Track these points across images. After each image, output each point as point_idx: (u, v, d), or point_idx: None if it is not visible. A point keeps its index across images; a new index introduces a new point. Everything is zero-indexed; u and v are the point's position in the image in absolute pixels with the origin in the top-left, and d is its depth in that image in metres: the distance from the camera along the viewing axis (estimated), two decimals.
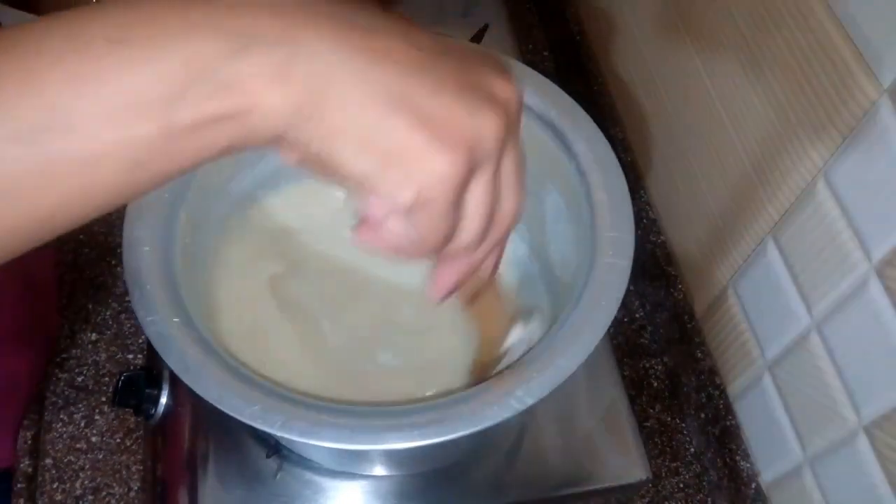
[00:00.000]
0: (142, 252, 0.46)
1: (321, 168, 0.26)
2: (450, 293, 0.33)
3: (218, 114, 0.24)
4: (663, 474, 0.71)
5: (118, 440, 0.68)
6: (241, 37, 0.24)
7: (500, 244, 0.31)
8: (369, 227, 0.28)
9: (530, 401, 0.42)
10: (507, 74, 0.28)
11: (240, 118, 0.24)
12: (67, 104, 0.23)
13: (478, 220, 0.28)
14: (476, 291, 0.36)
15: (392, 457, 0.54)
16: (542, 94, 0.54)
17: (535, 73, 0.55)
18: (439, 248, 0.29)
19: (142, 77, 0.23)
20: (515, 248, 0.62)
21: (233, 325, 0.55)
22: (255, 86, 0.24)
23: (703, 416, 0.70)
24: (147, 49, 0.24)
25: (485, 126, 0.26)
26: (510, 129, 0.27)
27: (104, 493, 0.66)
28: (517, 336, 0.50)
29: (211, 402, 0.41)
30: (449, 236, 0.28)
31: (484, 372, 0.51)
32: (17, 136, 0.23)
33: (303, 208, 0.63)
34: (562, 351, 0.43)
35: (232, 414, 0.41)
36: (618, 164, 0.51)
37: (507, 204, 0.30)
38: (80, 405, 0.70)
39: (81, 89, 0.23)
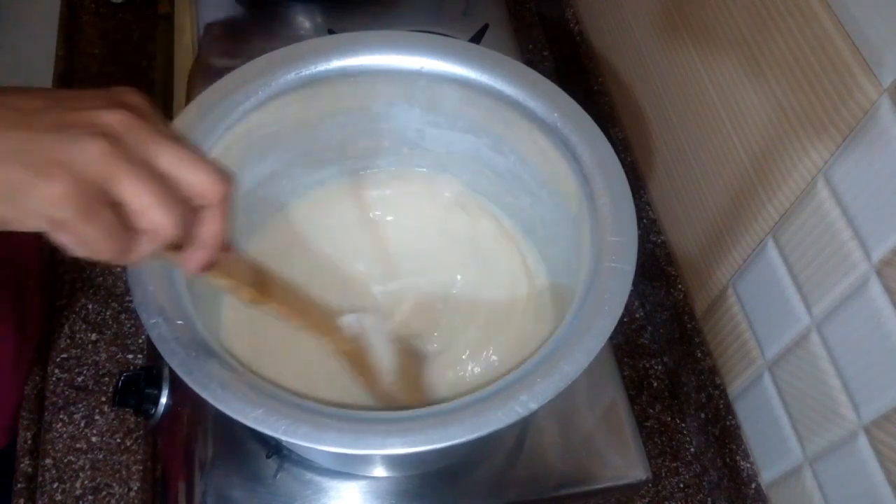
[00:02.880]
0: None
1: None
2: (205, 268, 0.38)
3: None
4: (663, 474, 0.71)
5: (118, 440, 0.68)
6: None
7: (221, 210, 0.36)
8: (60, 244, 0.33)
9: (534, 406, 0.42)
10: (115, 103, 0.33)
11: None
12: None
13: (153, 212, 0.33)
14: (214, 259, 0.38)
15: (393, 459, 0.54)
16: (543, 97, 0.54)
17: (535, 73, 0.55)
18: (127, 245, 0.33)
19: None
20: (522, 254, 0.62)
21: (236, 326, 0.55)
22: None
23: (703, 416, 0.70)
24: None
25: (82, 149, 0.31)
26: (127, 141, 0.32)
27: (104, 493, 0.66)
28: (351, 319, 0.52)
29: (215, 405, 0.41)
30: (124, 239, 0.33)
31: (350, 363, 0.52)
32: None
33: (307, 209, 0.63)
34: (565, 356, 0.43)
35: (236, 417, 0.41)
36: (620, 167, 0.51)
37: (192, 180, 0.34)
38: (80, 405, 0.70)
39: None
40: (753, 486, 0.64)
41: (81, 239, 0.32)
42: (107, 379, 0.71)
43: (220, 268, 0.40)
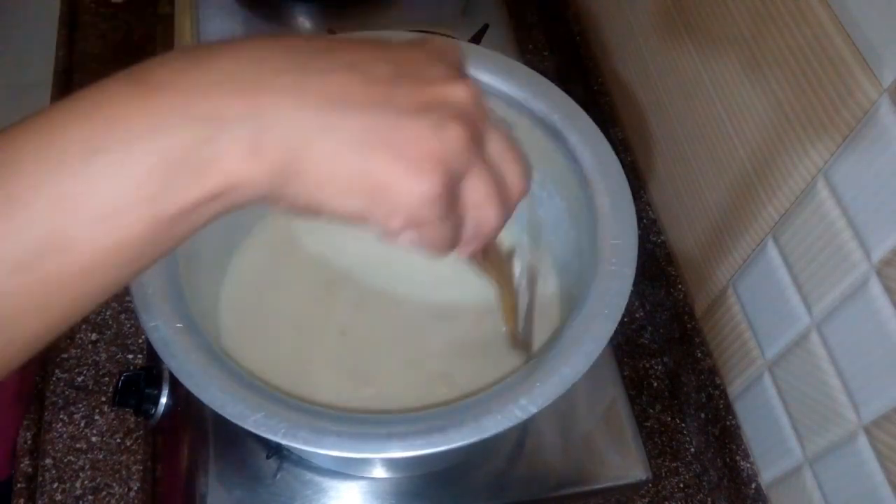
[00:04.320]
0: None
1: (312, 213, 0.28)
2: (474, 256, 0.35)
3: (202, 197, 0.25)
4: (663, 474, 0.71)
5: (118, 440, 0.68)
6: (208, 121, 0.25)
7: (515, 209, 0.33)
8: (389, 240, 0.30)
9: (534, 409, 0.42)
10: (455, 71, 0.30)
11: (223, 196, 0.26)
12: (57, 226, 0.24)
13: (488, 209, 0.30)
14: (485, 249, 0.37)
15: (393, 461, 0.54)
16: (543, 98, 0.54)
17: (535, 73, 0.55)
18: (456, 243, 0.31)
19: (123, 181, 0.24)
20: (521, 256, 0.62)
21: (235, 329, 0.55)
22: (232, 165, 0.25)
23: (703, 416, 0.70)
24: (121, 153, 0.24)
25: (450, 138, 0.27)
26: (476, 126, 0.29)
27: (104, 493, 0.66)
28: (517, 271, 0.53)
29: (214, 408, 0.41)
30: (457, 233, 0.30)
31: (513, 317, 0.53)
32: (15, 267, 0.23)
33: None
34: (565, 359, 0.43)
35: (235, 421, 0.41)
36: (621, 169, 0.51)
37: (511, 177, 0.31)
38: (80, 405, 0.70)
39: (68, 208, 0.24)
40: (753, 486, 0.64)
41: (428, 236, 0.29)
42: (107, 379, 0.71)
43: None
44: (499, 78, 0.54)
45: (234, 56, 0.26)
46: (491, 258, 0.45)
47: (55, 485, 0.66)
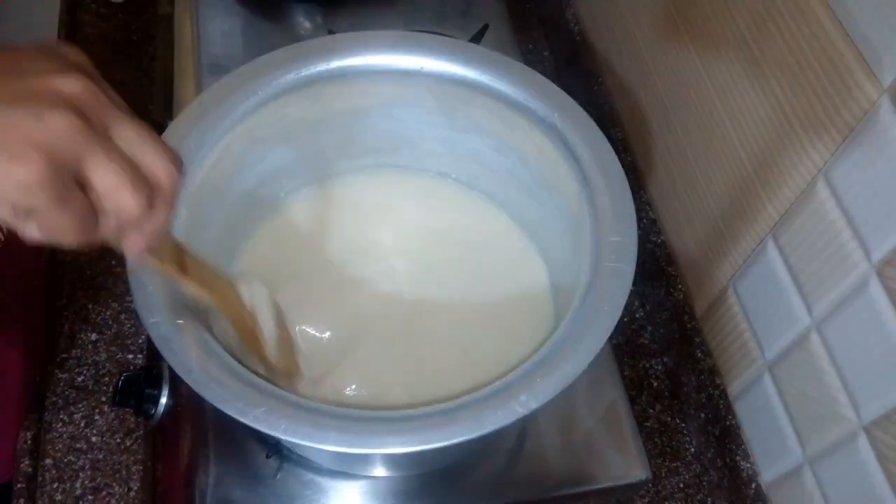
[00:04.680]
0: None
1: None
2: (147, 252, 0.35)
3: None
4: (663, 474, 0.71)
5: (118, 440, 0.68)
6: None
7: (171, 197, 0.33)
8: (19, 234, 0.30)
9: (534, 405, 0.42)
10: (68, 67, 0.30)
11: None
12: None
13: (122, 194, 0.30)
14: (154, 244, 0.36)
15: (393, 458, 0.54)
16: (543, 98, 0.54)
17: (535, 73, 0.55)
18: (91, 231, 0.31)
19: None
20: (522, 254, 0.62)
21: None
22: None
23: (703, 416, 0.70)
24: None
25: (53, 124, 0.28)
26: (91, 115, 0.29)
27: (104, 493, 0.66)
28: (245, 296, 0.50)
29: (214, 404, 0.41)
30: (91, 223, 0.31)
31: (252, 342, 0.50)
32: None
33: (306, 209, 0.63)
34: (565, 356, 0.43)
35: (236, 416, 0.41)
36: (620, 167, 0.51)
37: (151, 161, 0.32)
38: (80, 405, 0.70)
39: None
40: (753, 486, 0.64)
41: (47, 226, 0.29)
42: (107, 379, 0.71)
43: (155, 249, 0.38)
44: (499, 78, 0.55)
45: None
46: (189, 271, 0.43)
47: (55, 485, 0.66)
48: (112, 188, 0.30)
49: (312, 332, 0.57)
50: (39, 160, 0.27)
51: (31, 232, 0.30)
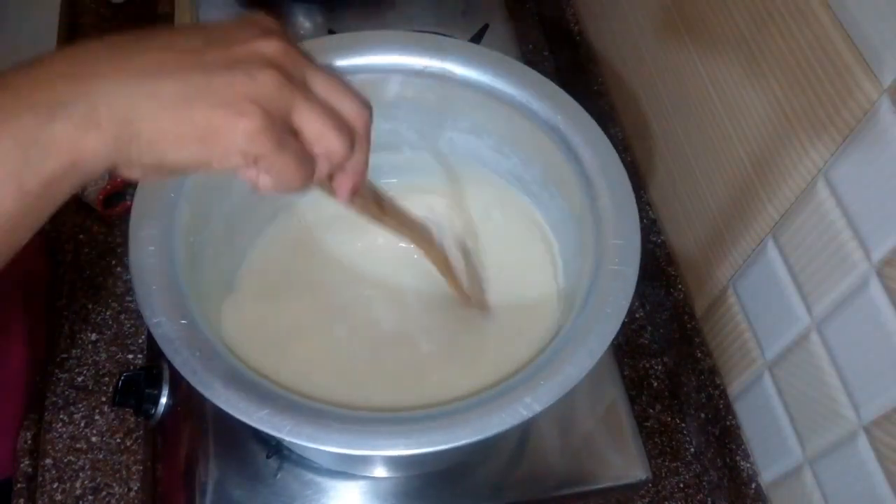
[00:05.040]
0: (147, 252, 0.46)
1: (162, 172, 0.32)
2: (354, 193, 0.39)
3: (56, 171, 0.30)
4: (663, 474, 0.71)
5: (118, 440, 0.68)
6: (46, 107, 0.29)
7: (366, 139, 0.37)
8: (253, 187, 0.34)
9: (538, 408, 0.42)
10: (265, 31, 0.34)
11: (75, 168, 0.30)
12: None
13: (329, 137, 0.34)
14: (360, 186, 0.40)
15: (395, 459, 0.54)
16: (545, 98, 0.54)
17: (536, 73, 0.55)
18: (315, 174, 0.35)
19: None
20: (524, 255, 0.62)
21: (239, 325, 0.55)
22: (73, 140, 0.30)
23: (703, 416, 0.70)
24: None
25: (261, 81, 0.32)
26: (291, 69, 0.33)
27: (104, 493, 0.66)
28: (435, 230, 0.56)
29: (219, 405, 0.41)
30: (309, 166, 0.34)
31: (449, 274, 0.56)
32: None
33: (310, 205, 0.62)
34: (569, 358, 0.43)
35: (239, 417, 0.41)
36: (623, 169, 0.51)
37: (346, 107, 0.35)
38: (80, 405, 0.70)
39: None
40: (753, 486, 0.65)
41: (275, 170, 0.33)
42: (107, 379, 0.71)
43: (360, 192, 0.41)
44: (500, 78, 0.55)
45: (65, 55, 0.31)
46: (388, 212, 0.47)
47: (55, 485, 0.66)
48: (320, 132, 0.34)
49: (319, 331, 0.57)
50: (258, 112, 0.31)
51: (264, 180, 0.33)
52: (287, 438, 0.40)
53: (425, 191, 0.64)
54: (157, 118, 0.31)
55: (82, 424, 0.69)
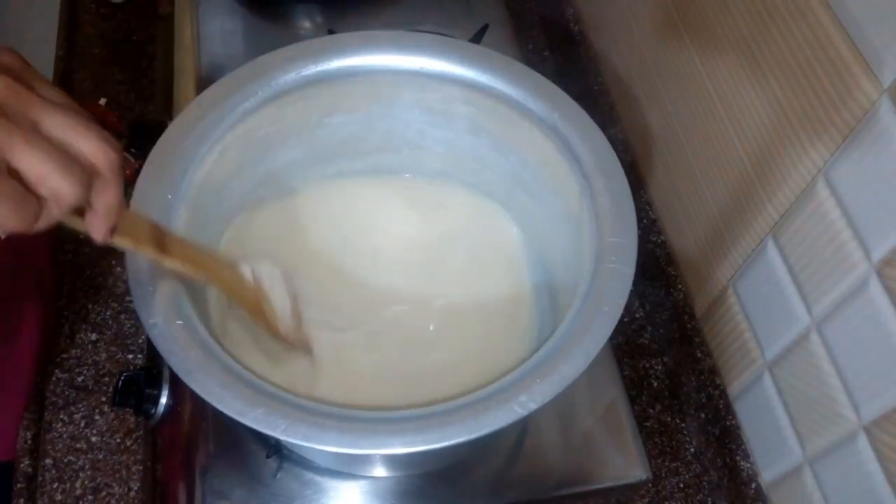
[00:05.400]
0: None
1: None
2: (110, 233, 0.38)
3: None
4: (663, 474, 0.71)
5: (118, 440, 0.68)
6: None
7: (113, 177, 0.36)
8: None
9: (533, 406, 0.42)
10: None
11: None
12: None
13: (53, 179, 0.32)
14: (117, 223, 0.38)
15: (393, 459, 0.54)
16: (544, 98, 0.54)
17: (535, 73, 0.55)
18: (45, 216, 0.33)
19: None
20: (520, 254, 0.62)
21: (236, 326, 0.55)
22: None
23: (703, 416, 0.70)
24: None
25: None
26: (12, 108, 0.32)
27: (104, 493, 0.66)
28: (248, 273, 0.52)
29: (214, 405, 0.41)
30: (28, 208, 0.32)
31: (257, 315, 0.52)
32: None
33: (307, 209, 0.63)
34: (565, 357, 0.43)
35: (235, 417, 0.41)
36: (621, 168, 0.51)
37: (84, 147, 0.34)
38: (80, 405, 0.70)
39: None
40: (753, 486, 0.64)
41: None
42: (107, 379, 0.71)
43: (122, 230, 0.40)
44: (499, 78, 0.54)
45: None
46: (170, 250, 0.44)
47: (55, 485, 0.66)
48: (41, 174, 0.32)
49: (309, 332, 0.57)
50: None
51: None
52: (282, 438, 0.40)
53: (421, 192, 0.64)
54: None
55: (82, 424, 0.69)
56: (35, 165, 0.32)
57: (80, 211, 0.36)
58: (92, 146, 0.34)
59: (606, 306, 0.45)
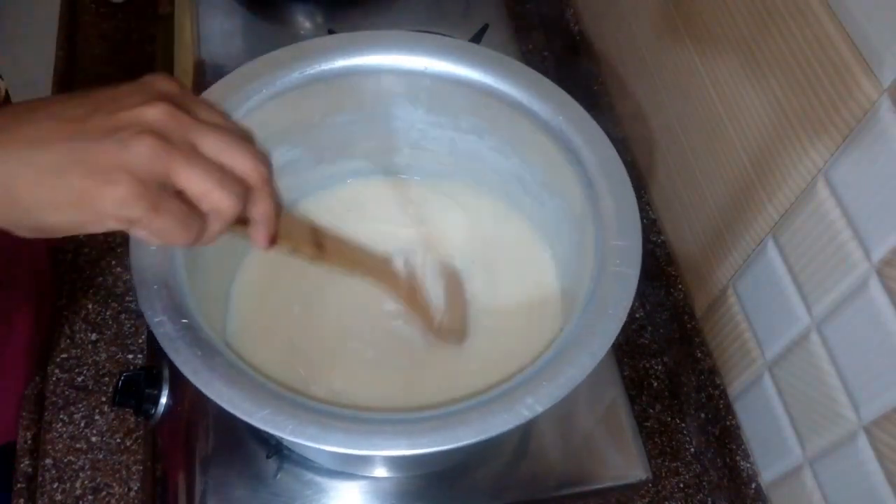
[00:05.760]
0: (148, 252, 0.46)
1: (45, 232, 0.34)
2: (272, 241, 0.40)
3: None
4: (663, 474, 0.71)
5: (118, 440, 0.68)
6: None
7: (266, 189, 0.38)
8: (147, 242, 0.39)
9: (540, 409, 0.42)
10: (153, 96, 0.35)
11: None
12: None
13: (214, 195, 0.35)
14: (276, 230, 0.40)
15: (396, 459, 0.54)
16: (546, 99, 0.54)
17: (536, 74, 0.55)
18: (209, 230, 0.36)
19: None
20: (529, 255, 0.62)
21: (241, 325, 0.55)
22: None
23: (703, 416, 0.70)
24: None
25: (136, 148, 0.33)
26: (172, 132, 0.35)
27: (104, 493, 0.66)
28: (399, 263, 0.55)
29: (221, 404, 0.41)
30: (194, 224, 0.35)
31: (415, 307, 0.55)
32: None
33: (306, 210, 0.63)
34: (570, 360, 0.43)
35: (242, 417, 0.41)
36: (624, 170, 0.51)
37: (238, 163, 0.37)
38: (80, 405, 0.70)
39: None
40: (753, 486, 0.65)
41: (155, 230, 0.34)
42: (107, 379, 0.71)
43: (282, 235, 0.41)
44: (500, 78, 0.54)
45: None
46: (329, 251, 0.47)
47: (55, 485, 0.66)
48: (202, 191, 0.35)
49: (318, 333, 0.57)
50: (126, 180, 0.33)
51: (149, 238, 0.35)
52: (289, 438, 0.40)
53: (423, 192, 0.64)
54: (34, 186, 0.33)
55: (82, 424, 0.69)
56: (197, 184, 0.35)
57: (240, 220, 0.38)
58: (245, 162, 0.37)
59: (611, 309, 0.45)
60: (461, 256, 0.62)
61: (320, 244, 0.46)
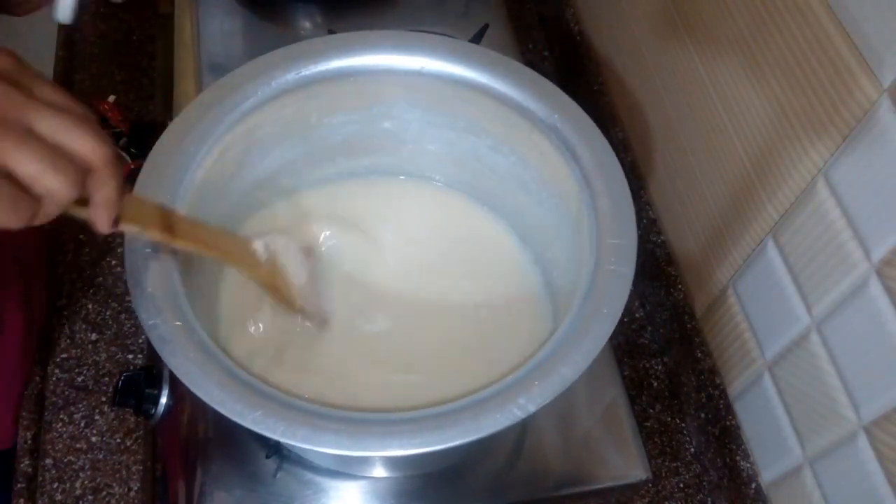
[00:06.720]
0: (143, 254, 0.46)
1: None
2: (112, 222, 0.39)
3: None
4: (663, 474, 0.71)
5: (118, 440, 0.68)
6: None
7: (108, 171, 0.37)
8: None
9: (532, 408, 0.42)
10: None
11: None
12: None
13: (47, 178, 0.34)
14: (119, 212, 0.39)
15: (393, 460, 0.54)
16: (543, 97, 0.54)
17: (535, 73, 0.55)
18: (42, 213, 0.35)
19: None
20: (517, 256, 0.62)
21: (235, 327, 0.55)
22: None
23: (703, 416, 0.70)
24: None
25: None
26: (8, 112, 0.33)
27: (104, 493, 0.66)
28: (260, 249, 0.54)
29: (213, 406, 0.41)
30: (25, 207, 0.34)
31: (274, 293, 0.54)
32: None
33: (306, 210, 0.63)
34: (564, 359, 0.43)
35: (234, 419, 0.41)
36: (620, 169, 0.51)
37: (79, 145, 0.35)
38: (80, 405, 0.70)
39: None
40: (753, 486, 0.64)
41: None
42: (107, 379, 0.71)
43: (127, 216, 0.41)
44: (499, 78, 0.54)
45: None
46: (180, 234, 0.45)
47: (55, 485, 0.66)
48: (33, 174, 0.34)
49: (308, 332, 0.57)
50: None
51: None
52: (281, 439, 0.40)
53: (421, 192, 0.64)
54: None
55: (82, 424, 0.69)
56: (27, 166, 0.33)
57: (82, 201, 0.37)
58: (85, 144, 0.35)
59: (606, 308, 0.45)
60: (451, 255, 0.62)
61: (170, 226, 0.45)
